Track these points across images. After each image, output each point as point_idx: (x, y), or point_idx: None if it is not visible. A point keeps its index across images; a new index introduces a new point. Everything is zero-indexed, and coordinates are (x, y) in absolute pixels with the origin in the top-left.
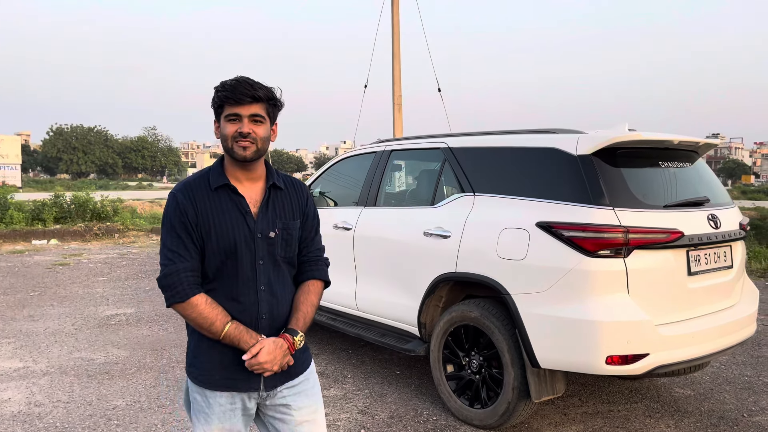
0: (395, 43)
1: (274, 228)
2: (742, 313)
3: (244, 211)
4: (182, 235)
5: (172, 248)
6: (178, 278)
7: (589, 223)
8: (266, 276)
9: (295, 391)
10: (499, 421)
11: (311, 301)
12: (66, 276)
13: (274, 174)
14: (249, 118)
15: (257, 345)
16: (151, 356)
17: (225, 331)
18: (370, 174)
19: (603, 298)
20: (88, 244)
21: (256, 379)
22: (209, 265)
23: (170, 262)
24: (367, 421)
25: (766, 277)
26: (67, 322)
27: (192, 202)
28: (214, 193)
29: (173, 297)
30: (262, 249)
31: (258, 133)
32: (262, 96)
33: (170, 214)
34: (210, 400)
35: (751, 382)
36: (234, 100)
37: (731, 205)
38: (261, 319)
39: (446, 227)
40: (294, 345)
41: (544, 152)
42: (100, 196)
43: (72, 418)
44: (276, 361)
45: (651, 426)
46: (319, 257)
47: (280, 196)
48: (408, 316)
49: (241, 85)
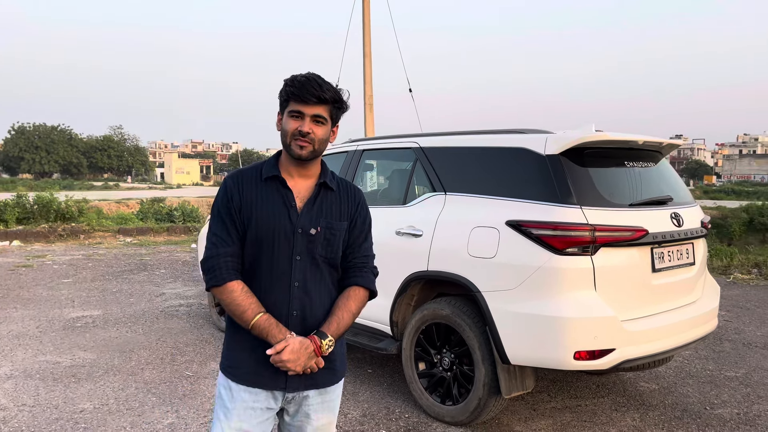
0: (366, 43)
1: (317, 225)
2: (704, 308)
3: (289, 204)
4: (226, 220)
5: (216, 232)
6: (218, 262)
7: (557, 221)
8: (302, 273)
9: (320, 401)
10: (470, 418)
11: (349, 307)
12: (29, 278)
13: (328, 174)
14: (311, 118)
15: (283, 342)
16: (119, 358)
17: (255, 320)
18: (342, 174)
19: (571, 295)
20: (53, 245)
21: (282, 379)
22: (247, 254)
23: (213, 246)
24: (339, 420)
25: (727, 274)
26: (31, 325)
27: (239, 188)
28: (263, 183)
29: (211, 280)
30: (301, 245)
31: (317, 134)
32: (329, 98)
33: (218, 199)
34: (234, 394)
35: (713, 376)
36: (300, 98)
37: (693, 204)
38: (292, 316)
39: (418, 226)
40: (321, 348)
41: (514, 152)
42: (64, 196)
43: (38, 422)
44: (300, 362)
45: (617, 419)
46: (365, 264)
47: (330, 196)
48: (380, 314)
49: (309, 83)
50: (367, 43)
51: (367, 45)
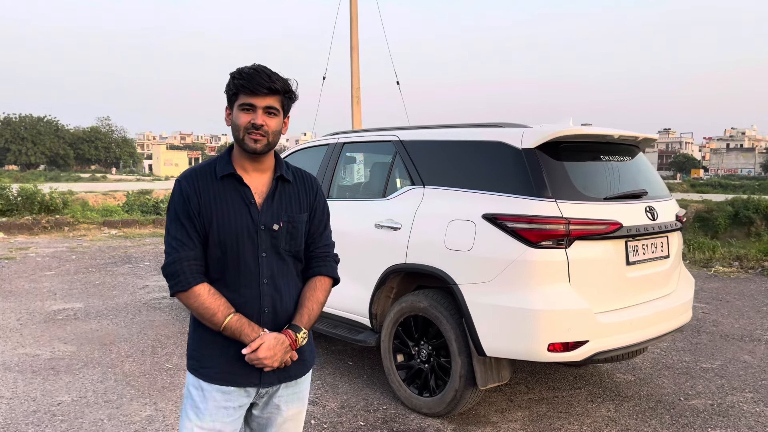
0: (353, 35)
1: (279, 221)
2: (679, 300)
3: (248, 201)
4: (185, 223)
5: (176, 236)
6: (181, 267)
7: (532, 214)
8: (269, 269)
9: (290, 392)
10: (447, 409)
11: (317, 297)
12: (11, 270)
13: (282, 166)
14: (263, 110)
15: (258, 339)
16: (99, 351)
17: (226, 322)
18: (323, 166)
19: (545, 288)
20: (36, 237)
21: (256, 375)
22: (211, 256)
23: (174, 251)
24: (318, 412)
25: (709, 267)
26: (12, 318)
27: (196, 189)
28: (219, 182)
29: (175, 285)
30: (265, 241)
31: (271, 126)
32: (279, 88)
33: (174, 202)
34: (206, 394)
35: (689, 368)
36: (250, 90)
37: (668, 197)
38: (263, 313)
39: (397, 219)
40: (296, 342)
41: (491, 146)
42: (48, 188)
43: (15, 414)
44: (276, 357)
45: (593, 410)
46: (327, 253)
47: (288, 189)
48: (360, 307)
49: (258, 75)
50: (354, 36)
51: (355, 38)
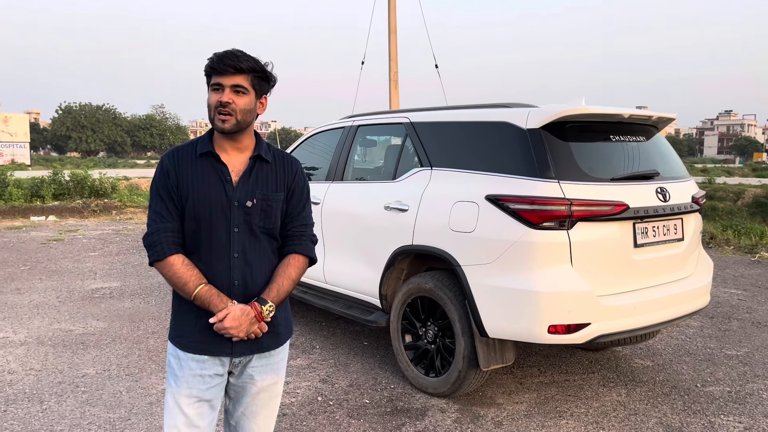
0: (391, 19)
1: (252, 197)
2: (694, 284)
3: (224, 179)
4: (164, 197)
5: (155, 209)
6: (158, 238)
7: (533, 195)
8: (240, 244)
9: (264, 363)
10: (451, 389)
11: (289, 274)
12: (59, 251)
13: (263, 146)
14: (231, 89)
15: (225, 310)
16: (128, 328)
17: (196, 292)
18: (338, 149)
19: (546, 270)
20: (86, 220)
21: (228, 345)
22: (187, 229)
23: (153, 223)
24: (326, 389)
25: (753, 253)
26: (52, 295)
27: (175, 166)
28: (198, 159)
29: (153, 255)
30: (237, 217)
31: (239, 104)
32: (245, 67)
33: (156, 177)
34: (182, 363)
35: (713, 354)
36: (218, 71)
37: (686, 178)
38: (233, 286)
39: (404, 201)
40: (262, 314)
41: (496, 126)
42: (98, 173)
43: (41, 385)
44: (242, 328)
45: (603, 395)
46: (303, 233)
47: (265, 168)
48: (370, 288)
49: (226, 56)
50: (392, 19)
51: (393, 20)
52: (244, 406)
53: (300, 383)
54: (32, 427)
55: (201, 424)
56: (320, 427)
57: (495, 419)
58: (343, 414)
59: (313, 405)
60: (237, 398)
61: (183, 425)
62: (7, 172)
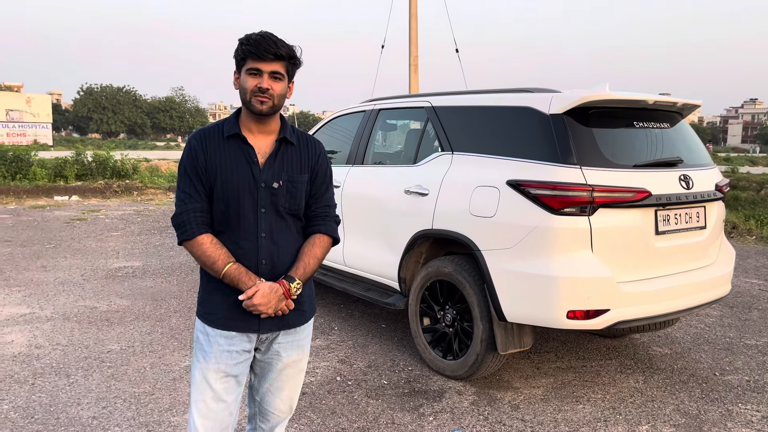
0: (412, 3)
1: (279, 179)
2: (716, 273)
3: (251, 160)
4: (193, 177)
5: (184, 190)
6: (188, 217)
7: (555, 181)
8: (268, 224)
9: (289, 340)
10: (468, 372)
11: (314, 253)
12: (82, 230)
13: (288, 129)
14: (269, 75)
15: (254, 287)
16: (151, 306)
17: (225, 270)
18: (359, 133)
19: (566, 255)
20: (108, 200)
21: (255, 321)
22: (216, 209)
23: (182, 203)
24: (345, 370)
25: None
26: (77, 273)
27: (203, 147)
28: (225, 141)
29: (182, 234)
30: (264, 198)
31: (276, 90)
32: (284, 54)
33: (184, 158)
34: (211, 339)
35: (732, 344)
36: (257, 56)
37: (710, 166)
38: (261, 265)
39: (425, 185)
40: (290, 291)
41: (519, 111)
42: (120, 155)
43: (68, 360)
44: (270, 305)
45: (620, 381)
46: (327, 213)
47: (291, 150)
48: (389, 271)
49: (265, 41)
50: (413, 3)
51: (414, 5)
52: (270, 382)
53: (319, 363)
54: (60, 400)
55: (228, 399)
56: (339, 406)
57: (512, 402)
58: (361, 394)
59: (332, 384)
60: (263, 374)
61: (210, 399)
62: (31, 151)
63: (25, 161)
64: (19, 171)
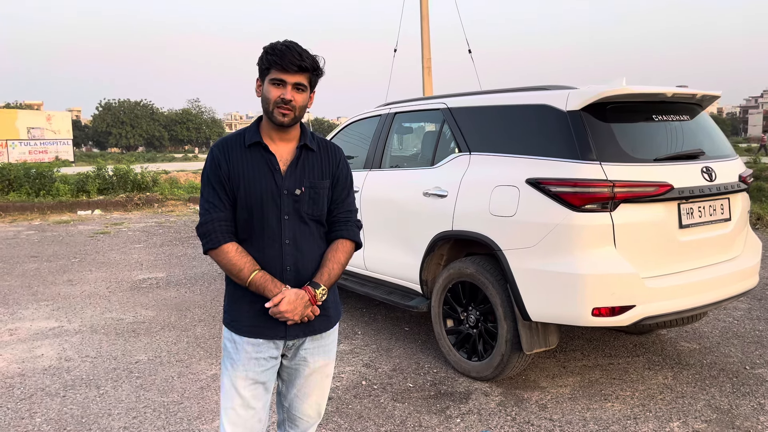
0: (423, 4)
1: (301, 186)
2: (742, 265)
3: (273, 168)
4: (216, 187)
5: (208, 199)
6: (212, 227)
7: (575, 178)
8: (291, 231)
9: (316, 345)
10: (494, 373)
11: (338, 258)
12: (106, 243)
13: (308, 136)
14: (293, 86)
15: (280, 294)
16: (176, 316)
17: (251, 278)
18: (375, 137)
19: (589, 252)
20: (130, 213)
21: (281, 328)
22: (239, 218)
23: (206, 212)
24: (370, 374)
25: None
26: (102, 286)
27: (226, 156)
28: (247, 150)
29: (207, 243)
30: (287, 205)
31: (298, 101)
32: (308, 66)
33: (207, 168)
34: (238, 346)
35: (762, 337)
36: (282, 67)
37: (732, 157)
38: (286, 271)
39: (443, 187)
40: (316, 297)
41: (536, 109)
42: (140, 168)
43: (97, 371)
44: (297, 311)
45: (649, 378)
46: (349, 218)
47: (311, 157)
48: (411, 273)
49: (290, 52)
50: (424, 5)
51: (425, 7)
52: (297, 388)
53: (344, 368)
54: (91, 411)
55: (256, 406)
56: (366, 410)
57: (539, 402)
58: (387, 397)
59: (357, 389)
60: (290, 380)
61: (239, 407)
62: (53, 168)
63: (48, 178)
64: (42, 187)
